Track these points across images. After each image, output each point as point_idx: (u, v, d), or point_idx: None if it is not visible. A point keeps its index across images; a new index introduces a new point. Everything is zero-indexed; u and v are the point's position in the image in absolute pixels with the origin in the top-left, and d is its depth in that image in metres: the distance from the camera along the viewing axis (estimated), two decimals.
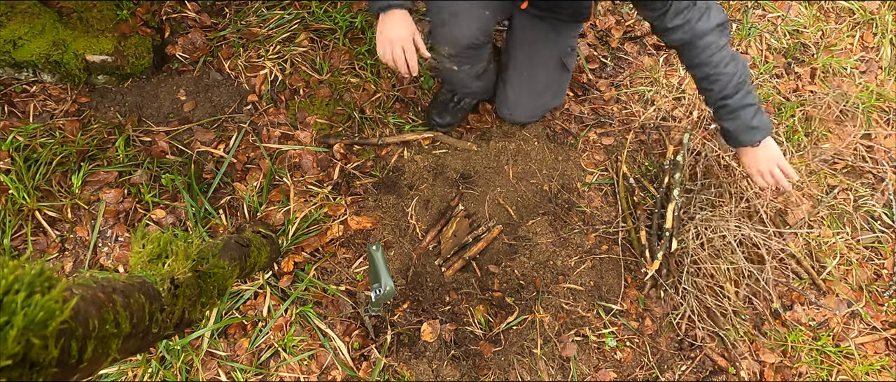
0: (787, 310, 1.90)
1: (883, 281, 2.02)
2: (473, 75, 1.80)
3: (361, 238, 1.85)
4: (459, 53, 1.67)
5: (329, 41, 2.21)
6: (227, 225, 1.81)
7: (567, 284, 1.84)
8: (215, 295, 0.99)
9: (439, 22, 1.62)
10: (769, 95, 2.34)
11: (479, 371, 1.69)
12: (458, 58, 1.69)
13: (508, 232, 1.91)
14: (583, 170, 2.04)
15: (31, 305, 0.46)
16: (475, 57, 1.72)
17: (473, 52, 1.68)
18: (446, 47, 1.66)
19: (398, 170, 1.99)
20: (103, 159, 1.85)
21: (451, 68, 1.76)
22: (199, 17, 2.18)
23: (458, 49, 1.66)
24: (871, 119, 2.36)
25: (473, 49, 1.67)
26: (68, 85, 1.95)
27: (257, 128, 2.00)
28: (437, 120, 2.03)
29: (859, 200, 2.16)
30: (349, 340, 1.69)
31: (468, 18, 1.60)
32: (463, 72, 1.76)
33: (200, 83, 2.07)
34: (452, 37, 1.63)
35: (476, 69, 1.78)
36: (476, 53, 1.70)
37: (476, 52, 1.69)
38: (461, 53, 1.67)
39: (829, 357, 1.84)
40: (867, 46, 2.59)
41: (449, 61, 1.72)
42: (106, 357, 0.61)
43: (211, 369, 1.61)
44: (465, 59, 1.71)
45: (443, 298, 1.78)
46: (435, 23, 1.64)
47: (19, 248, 1.69)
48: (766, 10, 2.62)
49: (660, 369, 1.78)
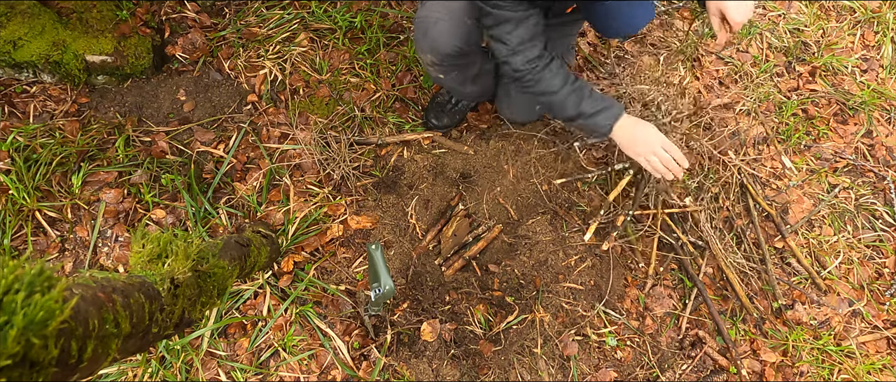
0: (788, 309, 1.90)
1: (884, 279, 2.02)
2: (463, 81, 1.77)
3: (361, 237, 1.85)
4: (442, 62, 1.64)
5: (329, 41, 2.21)
6: (227, 225, 1.81)
7: (567, 283, 1.84)
8: (215, 294, 0.99)
9: (421, 31, 1.59)
10: (770, 94, 2.34)
11: (479, 370, 1.69)
12: (441, 66, 1.66)
13: (508, 232, 1.91)
14: (583, 169, 2.04)
15: (31, 305, 0.46)
16: (461, 65, 1.69)
17: (458, 60, 1.64)
18: (428, 55, 1.63)
19: (398, 170, 1.99)
20: (103, 159, 1.85)
21: (437, 76, 1.74)
22: (198, 17, 2.18)
23: (439, 57, 1.62)
24: (872, 117, 2.36)
25: (457, 57, 1.62)
26: (68, 85, 1.95)
27: (257, 127, 2.00)
28: (435, 122, 2.02)
29: (860, 199, 2.16)
30: (349, 340, 1.69)
31: (450, 27, 1.56)
32: (451, 78, 1.74)
33: (200, 83, 2.07)
34: (433, 45, 1.59)
35: (466, 75, 1.75)
36: (461, 61, 1.66)
37: (461, 60, 1.65)
38: (444, 61, 1.64)
39: (831, 356, 1.84)
40: (868, 45, 2.58)
41: (433, 69, 1.70)
42: (106, 356, 0.61)
43: (211, 369, 1.61)
44: (451, 67, 1.68)
45: (443, 297, 1.78)
46: (417, 31, 1.61)
47: (19, 248, 1.69)
48: (766, 8, 2.61)
49: (660, 368, 1.78)
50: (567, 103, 1.45)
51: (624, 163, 1.98)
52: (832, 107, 2.37)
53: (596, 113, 1.45)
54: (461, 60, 1.66)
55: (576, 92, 1.44)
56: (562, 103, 1.45)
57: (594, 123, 1.47)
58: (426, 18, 1.58)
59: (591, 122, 1.46)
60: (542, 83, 1.43)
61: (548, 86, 1.43)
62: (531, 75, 1.42)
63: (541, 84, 1.43)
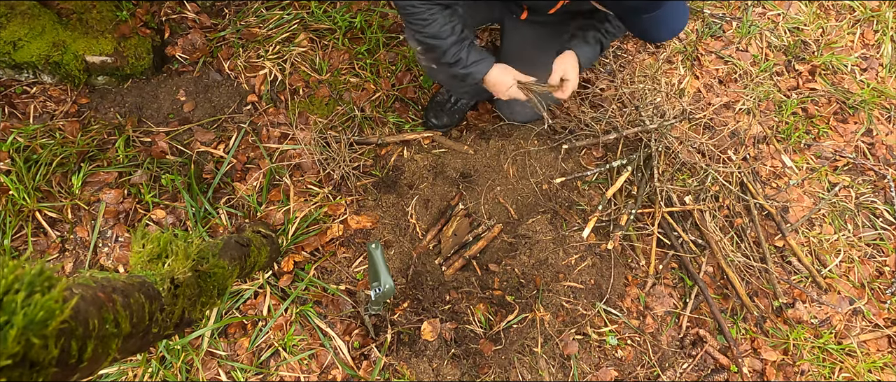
0: (789, 308, 1.90)
1: (885, 278, 2.02)
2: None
3: (361, 237, 1.85)
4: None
5: (328, 41, 2.21)
6: (227, 225, 1.81)
7: (567, 282, 1.84)
8: (215, 294, 0.99)
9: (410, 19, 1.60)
10: (769, 93, 2.34)
11: (479, 369, 1.69)
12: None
13: (508, 231, 1.91)
14: (583, 168, 2.04)
15: (31, 305, 0.46)
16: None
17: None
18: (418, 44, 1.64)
19: (398, 170, 1.99)
20: (103, 160, 1.85)
21: (429, 66, 1.75)
22: (198, 17, 2.18)
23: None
24: (871, 116, 2.36)
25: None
26: (68, 86, 1.95)
27: (257, 128, 2.00)
28: (434, 121, 2.02)
29: (861, 197, 2.16)
30: (349, 339, 1.69)
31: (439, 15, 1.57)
32: (443, 70, 1.75)
33: (200, 83, 2.07)
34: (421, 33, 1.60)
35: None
36: None
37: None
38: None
39: (831, 354, 1.84)
40: (868, 43, 2.58)
41: (425, 59, 1.72)
42: (106, 356, 0.61)
43: (211, 368, 1.61)
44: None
45: (443, 297, 1.78)
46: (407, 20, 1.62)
47: (20, 249, 1.69)
48: (766, 7, 2.61)
49: (661, 367, 1.78)
50: (450, 51, 1.61)
51: (622, 160, 1.98)
52: (832, 105, 2.37)
53: (473, 62, 1.64)
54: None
55: (459, 42, 1.61)
56: (446, 49, 1.61)
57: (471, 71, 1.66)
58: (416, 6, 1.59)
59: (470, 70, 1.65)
60: (433, 26, 1.57)
61: (439, 31, 1.58)
62: (426, 15, 1.54)
63: (431, 26, 1.57)
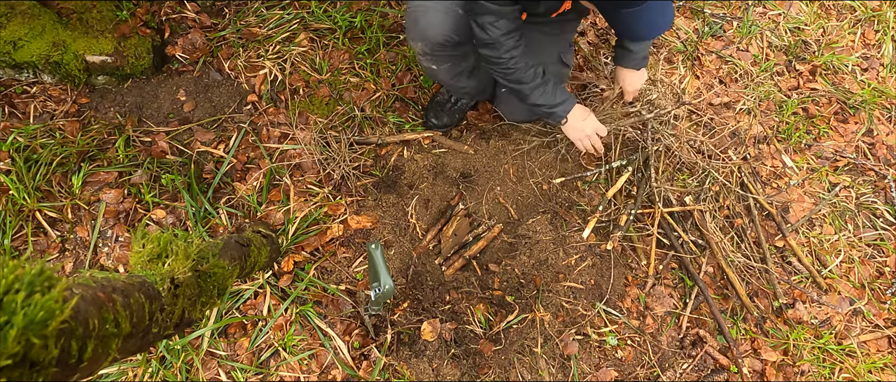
0: (789, 308, 1.90)
1: (885, 278, 2.02)
2: (457, 74, 1.78)
3: (361, 237, 1.85)
4: (433, 51, 1.66)
5: (329, 41, 2.21)
6: (227, 225, 1.81)
7: (567, 282, 1.84)
8: (215, 294, 0.99)
9: (412, 19, 1.63)
10: (770, 93, 2.34)
11: (479, 369, 1.69)
12: (432, 56, 1.68)
13: (508, 231, 1.91)
14: (582, 168, 2.04)
15: (31, 305, 0.46)
16: (454, 57, 1.70)
17: (449, 50, 1.66)
18: (419, 43, 1.65)
19: (398, 170, 1.99)
20: (103, 159, 1.85)
21: (429, 66, 1.75)
22: (198, 17, 2.18)
23: (429, 46, 1.64)
24: (872, 116, 2.36)
25: (447, 47, 1.64)
26: (68, 85, 1.95)
27: (257, 127, 2.00)
28: (434, 121, 2.02)
29: (861, 197, 2.16)
30: (349, 339, 1.69)
31: (439, 15, 1.59)
32: (443, 71, 1.75)
33: (200, 83, 2.07)
34: (422, 33, 1.62)
35: (460, 68, 1.76)
36: (453, 52, 1.68)
37: (452, 50, 1.66)
38: (434, 51, 1.66)
39: (831, 355, 1.84)
40: (868, 43, 2.58)
41: (424, 59, 1.72)
42: (106, 356, 0.61)
43: (211, 368, 1.61)
44: (442, 58, 1.69)
45: (443, 297, 1.78)
46: (408, 19, 1.65)
47: (20, 248, 1.69)
48: (766, 7, 2.61)
49: (661, 367, 1.78)
50: (534, 93, 1.68)
51: (621, 160, 1.98)
52: (833, 105, 2.37)
53: (557, 104, 1.72)
54: (453, 51, 1.67)
55: (541, 85, 1.68)
56: (529, 93, 1.68)
57: (555, 111, 1.75)
58: (417, 7, 1.62)
59: (554, 110, 1.74)
60: (517, 73, 1.61)
61: (522, 77, 1.63)
62: (510, 64, 1.60)
63: (516, 73, 1.61)
